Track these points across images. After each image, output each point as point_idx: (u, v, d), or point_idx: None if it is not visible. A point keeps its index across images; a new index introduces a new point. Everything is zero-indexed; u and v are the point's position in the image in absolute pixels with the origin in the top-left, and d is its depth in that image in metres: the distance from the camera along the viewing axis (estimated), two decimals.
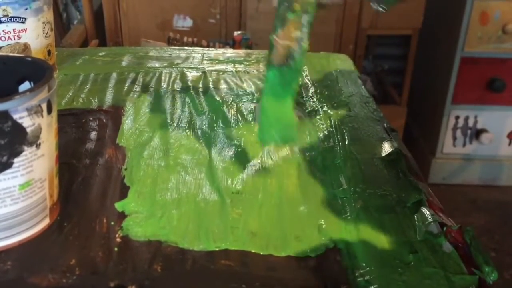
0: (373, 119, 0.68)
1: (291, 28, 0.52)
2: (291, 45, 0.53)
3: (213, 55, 0.90)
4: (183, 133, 0.63)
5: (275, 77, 0.54)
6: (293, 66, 0.53)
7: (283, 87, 0.54)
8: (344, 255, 0.45)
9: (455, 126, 2.08)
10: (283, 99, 0.55)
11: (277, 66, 0.53)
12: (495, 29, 1.88)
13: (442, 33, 2.05)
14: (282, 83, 0.54)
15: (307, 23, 0.52)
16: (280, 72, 0.54)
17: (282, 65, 0.53)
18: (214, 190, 0.53)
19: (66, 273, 0.42)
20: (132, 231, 0.47)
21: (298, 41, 0.52)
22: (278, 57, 0.53)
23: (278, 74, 0.54)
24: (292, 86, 0.54)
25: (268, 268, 0.44)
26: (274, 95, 0.55)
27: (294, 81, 0.54)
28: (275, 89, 0.55)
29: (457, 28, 1.91)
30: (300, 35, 0.52)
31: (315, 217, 0.50)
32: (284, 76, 0.54)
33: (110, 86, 0.76)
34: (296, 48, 0.53)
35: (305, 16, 0.52)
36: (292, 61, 0.53)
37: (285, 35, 0.52)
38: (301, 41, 0.53)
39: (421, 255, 0.45)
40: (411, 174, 0.56)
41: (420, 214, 0.50)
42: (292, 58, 0.53)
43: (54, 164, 0.47)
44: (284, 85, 0.54)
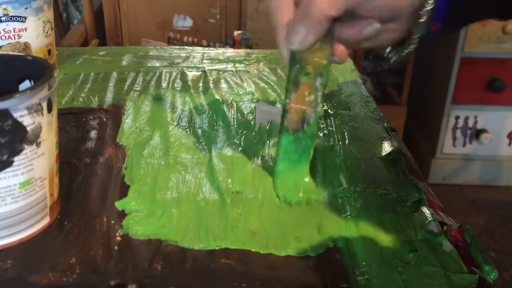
0: (373, 118, 0.68)
1: (305, 91, 0.50)
2: (305, 109, 0.50)
3: (213, 54, 0.90)
4: (183, 132, 0.63)
5: (289, 143, 0.52)
6: (308, 131, 0.51)
7: (299, 153, 0.52)
8: (344, 254, 0.45)
9: (455, 126, 2.08)
10: (299, 165, 0.53)
11: (292, 132, 0.51)
12: (495, 29, 1.88)
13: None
14: (298, 149, 0.52)
15: (320, 86, 0.50)
16: (295, 138, 0.52)
17: (297, 131, 0.51)
18: (214, 190, 0.53)
19: (67, 272, 0.42)
20: (132, 230, 0.47)
21: (312, 105, 0.50)
22: (292, 122, 0.51)
23: (293, 140, 0.52)
24: (308, 152, 0.52)
25: (268, 267, 0.44)
26: (290, 162, 0.53)
27: (310, 147, 0.52)
28: (291, 156, 0.52)
29: None
30: (314, 99, 0.50)
31: (315, 216, 0.50)
32: (300, 142, 0.52)
33: (110, 85, 0.76)
34: (311, 113, 0.50)
35: (318, 79, 0.50)
36: (307, 126, 0.51)
37: (298, 99, 0.50)
38: (316, 105, 0.50)
39: (421, 254, 0.45)
40: (411, 174, 0.56)
41: (420, 213, 0.50)
42: (307, 123, 0.51)
43: (54, 162, 0.47)
44: (300, 152, 0.52)
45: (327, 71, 0.50)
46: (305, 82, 0.49)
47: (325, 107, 0.71)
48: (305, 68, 0.49)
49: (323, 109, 0.50)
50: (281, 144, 0.52)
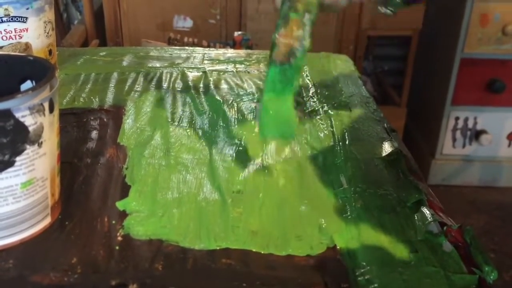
0: (373, 119, 0.69)
1: (293, 27, 0.53)
2: (293, 43, 0.53)
3: (213, 55, 0.90)
4: (184, 133, 0.63)
5: (276, 74, 0.55)
6: (294, 64, 0.54)
7: (283, 84, 0.55)
8: (344, 254, 0.45)
9: (454, 127, 2.08)
10: (283, 95, 0.55)
11: (279, 63, 0.54)
12: (495, 31, 1.88)
13: (442, 34, 2.05)
14: (283, 80, 0.55)
15: (309, 23, 0.53)
16: (281, 69, 0.54)
17: (283, 63, 0.54)
18: (215, 190, 0.53)
19: (68, 272, 0.42)
20: (133, 230, 0.47)
21: (299, 40, 0.53)
22: (280, 55, 0.54)
23: (279, 71, 0.54)
24: (292, 83, 0.55)
25: (268, 267, 0.44)
26: (274, 92, 0.55)
27: (294, 78, 0.55)
28: (276, 86, 0.55)
29: (457, 29, 1.91)
30: (302, 34, 0.53)
31: (316, 216, 0.50)
32: (285, 74, 0.54)
33: (111, 86, 0.76)
34: (298, 47, 0.53)
35: (307, 16, 0.53)
36: (294, 59, 0.54)
37: (287, 33, 0.53)
38: (303, 40, 0.53)
39: (421, 254, 0.45)
40: (411, 174, 0.56)
41: (420, 213, 0.50)
42: (294, 56, 0.54)
43: (55, 163, 0.47)
44: (285, 83, 0.55)
45: (315, 8, 0.53)
46: (294, 18, 0.53)
47: (326, 107, 0.71)
48: (295, 5, 0.53)
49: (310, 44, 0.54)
50: (268, 76, 0.55)
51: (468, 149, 2.12)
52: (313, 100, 0.73)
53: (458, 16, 1.89)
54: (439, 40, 2.08)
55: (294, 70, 0.54)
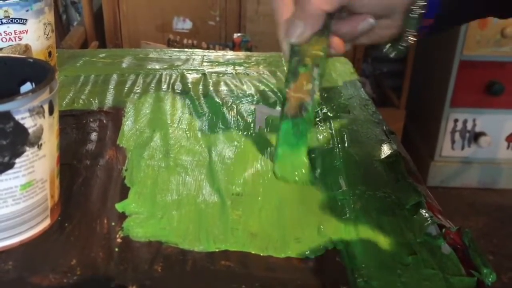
0: (372, 121, 0.69)
1: (303, 81, 0.54)
2: (303, 97, 0.55)
3: (213, 57, 0.90)
4: (183, 135, 0.64)
5: (289, 128, 0.56)
6: (306, 117, 0.56)
7: (297, 137, 0.56)
8: (343, 256, 0.45)
9: (453, 129, 2.09)
10: (297, 148, 0.57)
11: (291, 117, 0.56)
12: (493, 33, 1.89)
13: (441, 36, 2.05)
14: (296, 133, 0.56)
15: (317, 76, 0.54)
16: (294, 123, 0.56)
17: (295, 117, 0.56)
18: (214, 192, 0.53)
19: (67, 273, 0.42)
20: (133, 231, 0.47)
21: (310, 93, 0.55)
22: (291, 109, 0.55)
23: (292, 125, 0.56)
24: (306, 136, 0.57)
25: (268, 269, 0.44)
26: (288, 145, 0.57)
27: (307, 131, 0.57)
28: (290, 139, 0.57)
29: (456, 31, 1.91)
30: (311, 88, 0.54)
31: (315, 218, 0.50)
32: (298, 127, 0.56)
33: (110, 88, 0.77)
34: (309, 100, 0.55)
35: (316, 70, 0.54)
36: (305, 112, 0.55)
37: (297, 88, 0.54)
38: (313, 93, 0.55)
39: (420, 256, 0.45)
40: (410, 176, 0.56)
41: (419, 216, 0.50)
42: (305, 109, 0.55)
43: (55, 164, 0.47)
44: (298, 136, 0.56)
45: (324, 62, 0.54)
46: (304, 73, 0.54)
47: (325, 109, 0.71)
48: (304, 60, 0.53)
49: (319, 96, 0.56)
50: (281, 129, 0.56)
51: (467, 151, 2.13)
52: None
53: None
54: (438, 42, 2.08)
55: (306, 122, 0.56)
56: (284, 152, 0.57)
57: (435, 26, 0.55)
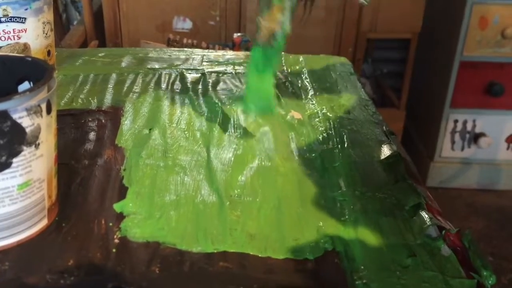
0: (372, 122, 0.68)
1: (275, 12, 0.58)
2: (274, 27, 0.59)
3: (212, 56, 0.90)
4: (182, 134, 0.63)
5: (258, 55, 0.61)
6: (275, 46, 0.60)
7: (265, 64, 0.62)
8: (342, 258, 0.45)
9: (453, 130, 2.08)
10: (264, 74, 0.62)
11: (261, 45, 0.60)
12: (494, 34, 1.88)
13: (441, 37, 2.05)
14: (264, 60, 0.61)
15: (289, 8, 0.58)
16: (264, 51, 0.61)
17: (265, 45, 0.60)
18: (213, 192, 0.53)
19: (64, 274, 0.42)
20: (130, 232, 0.47)
21: (281, 24, 0.59)
22: (262, 37, 0.60)
23: (261, 52, 0.61)
24: (272, 63, 0.62)
25: (266, 271, 0.44)
26: (257, 71, 0.62)
27: (275, 59, 0.62)
28: (258, 65, 0.62)
29: (456, 32, 1.91)
30: (283, 19, 0.58)
31: (314, 219, 0.50)
32: (267, 55, 0.61)
33: (109, 87, 0.76)
34: (279, 30, 0.59)
35: (288, 2, 0.58)
36: (275, 41, 0.60)
37: (269, 18, 0.59)
38: (284, 24, 0.59)
39: (419, 258, 0.45)
40: (410, 178, 0.56)
41: (419, 217, 0.50)
42: (275, 39, 0.59)
43: (53, 164, 0.47)
44: (266, 63, 0.61)
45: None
46: (277, 4, 0.58)
47: (324, 110, 0.71)
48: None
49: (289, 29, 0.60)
50: (251, 56, 0.62)
51: (467, 152, 2.12)
52: (312, 103, 0.73)
53: (457, 19, 1.88)
54: (439, 42, 2.08)
55: (275, 51, 0.61)
56: (252, 78, 0.63)
57: None
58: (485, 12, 1.85)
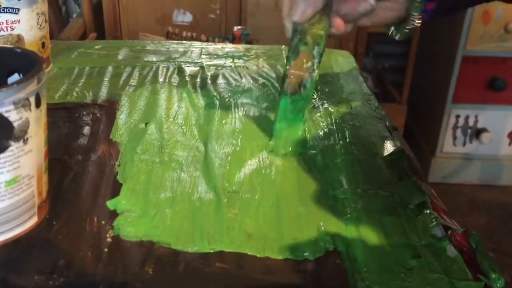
0: (375, 117, 0.67)
1: (304, 59, 0.56)
2: (303, 75, 0.57)
3: (211, 49, 0.88)
4: (179, 129, 0.61)
5: (287, 104, 0.58)
6: (304, 94, 0.57)
7: (294, 114, 0.58)
8: (344, 258, 0.43)
9: (455, 125, 2.07)
10: (294, 124, 0.59)
11: (290, 94, 0.57)
12: (497, 28, 1.87)
13: (443, 31, 2.03)
14: (293, 110, 0.58)
15: (317, 55, 0.56)
16: (292, 100, 0.58)
17: (294, 93, 0.57)
18: (210, 189, 0.51)
19: (53, 275, 0.40)
20: (124, 230, 0.45)
21: (309, 71, 0.56)
22: (291, 86, 0.57)
23: (290, 102, 0.58)
24: (303, 113, 0.59)
25: (265, 272, 0.42)
26: (286, 121, 0.59)
27: (304, 108, 0.58)
28: (287, 115, 0.58)
29: (459, 26, 1.89)
30: (311, 66, 0.56)
31: (314, 218, 0.48)
32: (296, 104, 0.58)
33: (105, 80, 0.74)
34: (307, 78, 0.57)
35: (316, 48, 0.56)
36: (304, 90, 0.57)
37: (297, 65, 0.56)
38: (312, 71, 0.56)
39: (424, 260, 0.43)
40: (414, 175, 0.54)
41: (423, 216, 0.48)
42: (304, 87, 0.57)
43: (43, 160, 0.45)
44: (296, 112, 0.58)
45: (324, 41, 0.56)
46: (304, 51, 0.56)
47: (326, 104, 0.69)
48: (305, 38, 0.56)
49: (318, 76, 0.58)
50: (280, 105, 0.58)
51: (469, 147, 2.11)
52: (313, 97, 0.71)
53: (460, 13, 1.87)
54: (441, 37, 2.06)
55: (304, 100, 0.58)
56: (281, 128, 0.59)
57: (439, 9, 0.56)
58: (488, 6, 1.83)
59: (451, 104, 2.03)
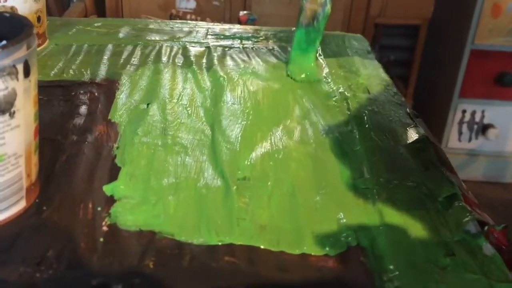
0: (395, 103, 0.62)
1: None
2: (317, 8, 0.64)
3: (218, 30, 0.83)
4: (184, 111, 0.57)
5: (302, 35, 0.66)
6: (316, 26, 0.65)
7: (308, 43, 0.67)
8: (369, 255, 0.38)
9: (461, 120, 2.03)
10: (307, 53, 0.67)
11: (305, 26, 0.65)
12: (507, 22, 1.83)
13: (452, 24, 1.99)
14: (307, 40, 0.66)
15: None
16: (306, 31, 0.66)
17: (308, 25, 0.65)
18: (218, 175, 0.46)
19: (41, 266, 0.35)
20: (121, 219, 0.40)
21: (322, 5, 0.63)
22: (305, 18, 0.65)
23: (304, 33, 0.66)
24: (315, 43, 0.67)
25: (279, 268, 0.37)
26: (300, 50, 0.67)
27: (317, 39, 0.66)
28: (302, 45, 0.67)
29: (468, 19, 1.86)
30: (324, 0, 0.63)
31: (333, 209, 0.43)
32: (309, 35, 0.66)
33: (104, 58, 0.69)
34: (320, 11, 0.64)
35: None
36: (317, 22, 0.65)
37: (312, 1, 0.64)
38: (325, 5, 0.63)
39: (459, 258, 0.38)
40: (441, 165, 0.49)
41: (455, 210, 0.43)
42: (317, 20, 0.64)
43: (32, 137, 0.40)
44: (309, 42, 0.66)
45: None
46: None
47: (341, 89, 0.64)
48: None
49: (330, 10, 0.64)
50: (295, 36, 0.67)
51: (474, 143, 2.07)
52: (327, 81, 0.66)
53: (469, 6, 1.83)
54: (449, 30, 2.02)
55: (317, 31, 0.65)
56: (296, 56, 0.67)
57: None
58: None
59: (457, 99, 1.99)
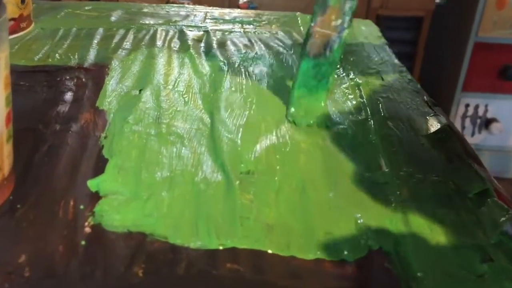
0: (411, 90, 0.57)
1: (332, 15, 0.47)
2: (330, 34, 0.48)
3: (217, 14, 0.77)
4: (180, 98, 0.51)
5: (309, 68, 0.49)
6: (329, 57, 0.48)
7: (317, 80, 0.49)
8: (394, 261, 0.33)
9: (464, 114, 2.00)
10: (315, 92, 0.50)
11: (313, 56, 0.48)
12: (511, 14, 1.79)
13: (456, 16, 1.96)
14: (316, 75, 0.49)
15: (349, 12, 0.47)
16: (315, 63, 0.48)
17: (318, 56, 0.48)
18: (218, 168, 0.41)
19: (11, 275, 0.30)
20: (107, 218, 0.35)
21: (338, 30, 0.47)
22: (314, 47, 0.48)
23: (312, 65, 0.49)
24: (327, 79, 0.49)
25: (290, 275, 0.32)
26: (307, 88, 0.50)
27: (329, 74, 0.49)
28: (309, 81, 0.49)
29: (472, 11, 1.82)
30: (340, 24, 0.47)
31: (349, 207, 0.38)
32: (319, 68, 0.49)
33: (94, 42, 0.64)
34: (335, 38, 0.48)
35: (348, 3, 0.47)
36: (330, 51, 0.48)
37: (324, 23, 0.47)
38: (342, 30, 0.47)
39: (498, 264, 0.33)
40: (467, 157, 0.44)
41: (489, 208, 0.38)
42: (330, 48, 0.48)
43: (4, 124, 0.35)
44: (318, 78, 0.49)
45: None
46: (334, 6, 0.47)
47: (352, 75, 0.59)
48: None
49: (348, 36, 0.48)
50: (300, 69, 0.49)
51: (477, 137, 2.04)
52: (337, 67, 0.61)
53: None
54: (453, 22, 1.99)
55: (330, 64, 0.49)
56: (300, 95, 0.50)
57: None
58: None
59: (460, 93, 1.96)
